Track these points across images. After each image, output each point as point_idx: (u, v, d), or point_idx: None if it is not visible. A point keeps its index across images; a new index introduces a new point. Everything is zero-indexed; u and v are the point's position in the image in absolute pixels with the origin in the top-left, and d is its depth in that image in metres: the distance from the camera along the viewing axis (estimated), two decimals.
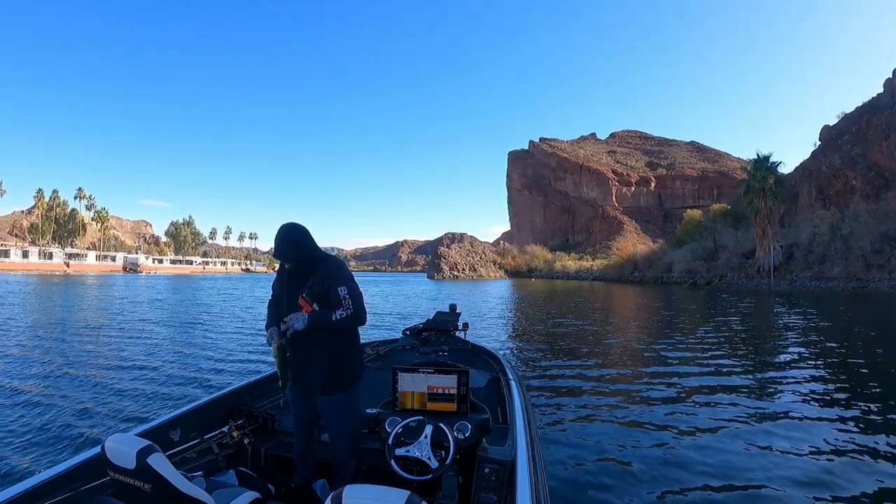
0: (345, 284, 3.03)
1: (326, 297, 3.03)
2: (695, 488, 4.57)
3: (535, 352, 12.60)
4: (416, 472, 2.83)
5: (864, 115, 73.64)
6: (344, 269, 3.15)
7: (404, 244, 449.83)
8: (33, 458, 5.12)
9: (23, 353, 11.22)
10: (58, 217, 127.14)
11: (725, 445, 5.65)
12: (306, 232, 3.14)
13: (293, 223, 3.14)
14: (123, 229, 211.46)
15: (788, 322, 19.01)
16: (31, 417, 6.47)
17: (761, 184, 55.02)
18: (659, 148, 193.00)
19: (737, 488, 4.57)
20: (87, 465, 2.61)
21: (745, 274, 56.89)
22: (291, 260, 3.08)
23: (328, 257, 3.18)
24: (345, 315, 2.99)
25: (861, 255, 45.23)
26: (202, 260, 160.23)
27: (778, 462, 5.16)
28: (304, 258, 3.08)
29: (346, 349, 3.16)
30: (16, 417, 6.48)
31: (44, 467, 4.18)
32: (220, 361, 10.64)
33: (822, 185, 71.51)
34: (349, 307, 3.00)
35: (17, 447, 5.41)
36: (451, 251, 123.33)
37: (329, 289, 3.02)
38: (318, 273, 3.08)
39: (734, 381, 8.87)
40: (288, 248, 3.06)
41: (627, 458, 5.25)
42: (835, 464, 5.10)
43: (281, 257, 3.09)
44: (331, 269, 3.09)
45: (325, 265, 3.11)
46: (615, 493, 4.48)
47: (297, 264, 3.09)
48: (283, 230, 3.08)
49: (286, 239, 3.06)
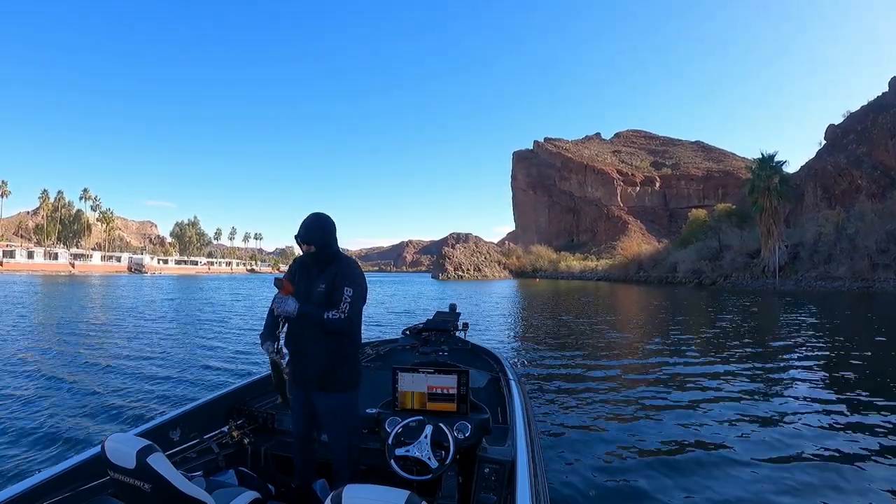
0: (353, 288, 3.00)
1: (330, 295, 3.02)
2: (695, 489, 4.56)
3: (535, 352, 12.59)
4: (416, 472, 2.83)
5: (870, 114, 73.48)
6: (360, 273, 3.14)
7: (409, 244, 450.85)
8: (33, 457, 5.13)
9: (23, 352, 11.25)
10: (63, 218, 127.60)
11: (728, 447, 5.61)
12: (334, 224, 3.16)
13: (324, 213, 3.18)
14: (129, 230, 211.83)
15: (794, 322, 18.92)
16: (31, 417, 6.48)
17: (766, 183, 54.92)
18: (664, 147, 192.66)
19: (739, 489, 4.55)
20: (86, 464, 2.62)
21: (749, 274, 56.74)
22: (315, 242, 3.05)
23: (348, 258, 3.20)
24: (336, 318, 2.92)
25: (867, 255, 45.07)
26: (207, 260, 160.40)
27: (784, 466, 5.12)
28: (326, 245, 3.07)
29: (347, 349, 3.15)
30: (16, 417, 6.48)
31: (44, 467, 4.19)
32: (221, 361, 10.65)
33: (827, 184, 71.28)
34: (344, 311, 2.94)
35: (17, 447, 5.42)
36: (455, 251, 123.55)
37: (337, 286, 3.01)
38: (333, 269, 3.09)
39: (738, 383, 8.81)
40: (316, 230, 3.05)
41: (628, 459, 5.24)
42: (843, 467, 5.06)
43: (305, 238, 3.04)
44: (347, 269, 3.09)
45: (343, 263, 3.13)
46: (615, 494, 4.48)
47: (318, 251, 3.07)
48: (312, 214, 3.11)
49: (316, 220, 3.07)
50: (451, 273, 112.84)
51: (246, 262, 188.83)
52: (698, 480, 4.72)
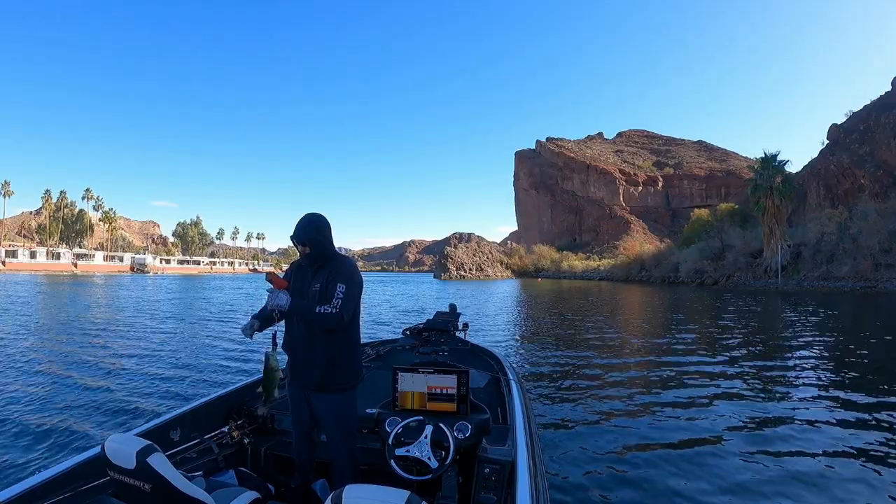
0: (346, 284, 2.99)
1: (326, 292, 3.02)
2: (696, 488, 4.55)
3: (536, 352, 12.58)
4: (416, 472, 2.83)
5: (873, 114, 73.22)
6: (355, 271, 3.13)
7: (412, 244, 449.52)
8: (33, 457, 5.14)
9: (23, 352, 11.27)
10: (65, 218, 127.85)
11: (730, 448, 5.61)
12: (329, 224, 3.18)
13: (319, 213, 3.19)
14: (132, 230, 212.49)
15: (796, 322, 18.89)
16: (32, 417, 6.49)
17: (768, 183, 54.78)
18: (666, 147, 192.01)
19: (741, 490, 4.54)
20: (86, 464, 2.62)
21: (752, 274, 56.61)
22: (309, 242, 3.06)
23: (344, 257, 3.20)
24: (328, 312, 2.90)
25: (870, 255, 44.89)
26: (209, 260, 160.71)
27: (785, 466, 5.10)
28: (319, 244, 3.08)
29: (346, 349, 3.15)
30: (16, 417, 6.49)
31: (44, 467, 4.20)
32: (221, 361, 10.66)
33: (830, 183, 71.00)
34: (336, 307, 2.92)
35: (18, 447, 5.43)
36: (457, 251, 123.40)
37: (330, 282, 3.01)
38: (328, 268, 3.09)
39: (740, 384, 8.77)
40: (311, 230, 3.07)
41: (628, 459, 5.24)
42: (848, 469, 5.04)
43: (300, 238, 3.06)
44: (341, 267, 3.10)
45: (338, 262, 3.13)
46: (616, 494, 4.47)
47: (312, 250, 3.08)
48: (307, 215, 3.14)
49: (310, 220, 3.10)
50: (454, 273, 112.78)
51: (248, 262, 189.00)
52: (699, 480, 4.72)
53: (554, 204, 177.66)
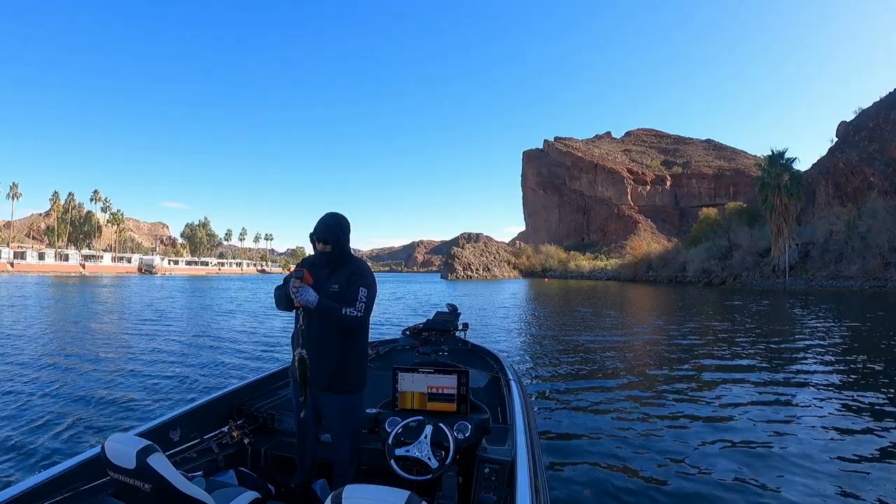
0: (367, 288, 3.08)
1: (345, 295, 3.05)
2: (697, 489, 4.53)
3: (536, 351, 12.57)
4: (416, 472, 2.83)
5: (882, 111, 72.70)
6: (371, 274, 3.20)
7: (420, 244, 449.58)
8: (33, 457, 5.17)
9: (25, 352, 11.34)
10: (73, 219, 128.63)
11: (731, 448, 5.58)
12: (349, 225, 3.23)
13: (340, 213, 3.24)
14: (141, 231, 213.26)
15: (804, 322, 18.77)
16: (32, 417, 6.52)
17: (776, 181, 54.46)
18: (674, 146, 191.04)
19: (741, 491, 4.52)
20: (86, 464, 2.63)
21: (760, 273, 56.36)
22: (332, 241, 3.10)
23: (360, 260, 3.25)
24: (353, 315, 2.98)
25: (879, 254, 44.60)
26: (218, 261, 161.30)
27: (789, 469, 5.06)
28: (338, 244, 3.12)
29: (356, 350, 3.17)
30: (16, 417, 6.53)
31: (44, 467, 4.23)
32: (221, 361, 10.71)
33: (839, 182, 70.52)
34: (360, 310, 3.01)
35: (18, 447, 5.45)
36: (464, 251, 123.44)
37: (352, 284, 3.07)
38: (347, 269, 3.13)
39: (744, 385, 8.70)
40: (334, 229, 3.11)
41: (629, 459, 5.23)
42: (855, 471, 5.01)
43: (322, 236, 3.09)
44: (361, 271, 3.15)
45: (358, 265, 3.19)
46: (616, 494, 4.45)
47: (334, 250, 3.12)
48: (330, 213, 3.18)
49: (334, 218, 3.15)
50: (461, 273, 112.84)
51: (256, 263, 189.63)
52: (699, 480, 4.70)
53: (562, 203, 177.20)
